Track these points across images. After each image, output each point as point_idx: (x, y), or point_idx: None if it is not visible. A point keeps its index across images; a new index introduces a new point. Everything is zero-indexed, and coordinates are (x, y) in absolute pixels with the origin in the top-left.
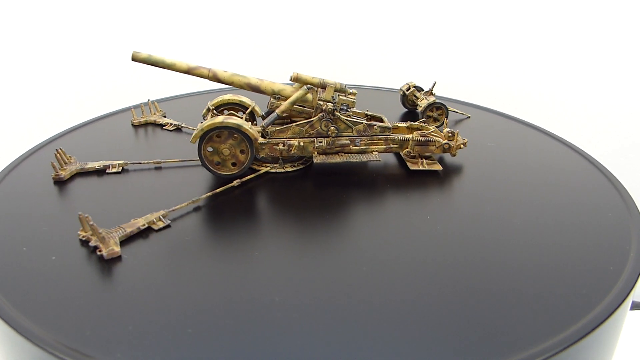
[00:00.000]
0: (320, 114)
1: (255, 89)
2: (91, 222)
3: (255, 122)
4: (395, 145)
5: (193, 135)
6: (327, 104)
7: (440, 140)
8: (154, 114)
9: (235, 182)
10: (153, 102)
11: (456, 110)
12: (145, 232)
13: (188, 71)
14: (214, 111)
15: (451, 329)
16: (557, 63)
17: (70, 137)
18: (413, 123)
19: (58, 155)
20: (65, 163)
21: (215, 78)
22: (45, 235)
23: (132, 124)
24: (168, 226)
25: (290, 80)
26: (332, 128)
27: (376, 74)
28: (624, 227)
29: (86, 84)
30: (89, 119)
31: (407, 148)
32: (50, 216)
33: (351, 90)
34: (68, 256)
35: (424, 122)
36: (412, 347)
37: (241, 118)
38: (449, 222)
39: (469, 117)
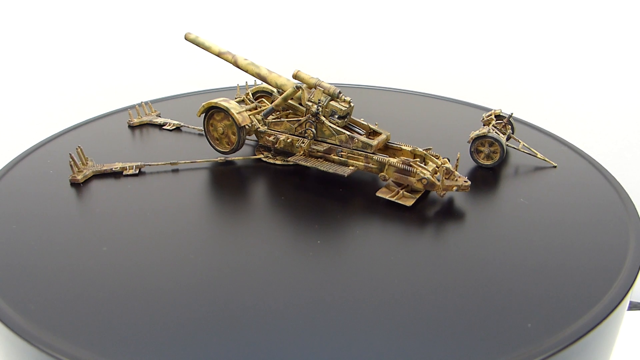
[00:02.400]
0: (307, 115)
1: (263, 79)
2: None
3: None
4: (375, 166)
5: (198, 110)
6: (314, 105)
7: (423, 173)
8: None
9: (219, 159)
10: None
11: (533, 152)
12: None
13: (219, 54)
14: (250, 97)
15: (449, 329)
16: (556, 63)
17: (68, 137)
18: (419, 149)
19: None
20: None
21: (236, 64)
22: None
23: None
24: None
25: (292, 76)
26: (309, 131)
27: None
28: (622, 226)
29: (81, 84)
30: (85, 120)
31: (383, 172)
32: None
33: (345, 98)
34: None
35: (474, 151)
36: (412, 347)
37: (253, 103)
38: (445, 221)
39: (554, 166)
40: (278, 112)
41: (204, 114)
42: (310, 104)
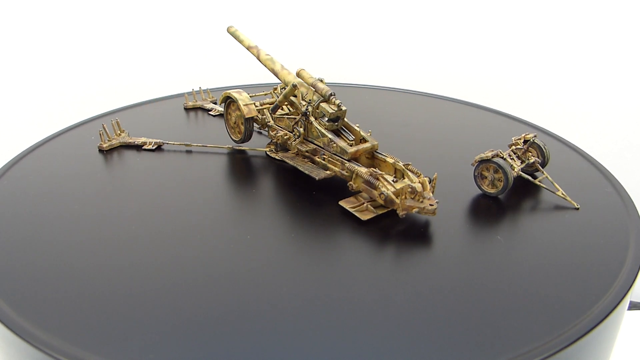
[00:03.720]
0: (300, 114)
1: (276, 74)
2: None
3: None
4: (347, 174)
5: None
6: (305, 105)
7: (386, 188)
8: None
9: (226, 147)
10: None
11: (556, 187)
12: None
13: (248, 48)
14: (278, 92)
15: (449, 329)
16: (557, 62)
17: (130, 112)
18: (399, 163)
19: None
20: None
21: (258, 57)
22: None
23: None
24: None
25: (295, 74)
26: (296, 130)
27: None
28: (622, 226)
29: (81, 85)
30: (148, 99)
31: (351, 181)
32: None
33: (335, 101)
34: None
35: (478, 176)
36: (411, 347)
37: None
38: (446, 221)
39: (577, 208)
40: (289, 110)
41: (224, 103)
42: (303, 103)
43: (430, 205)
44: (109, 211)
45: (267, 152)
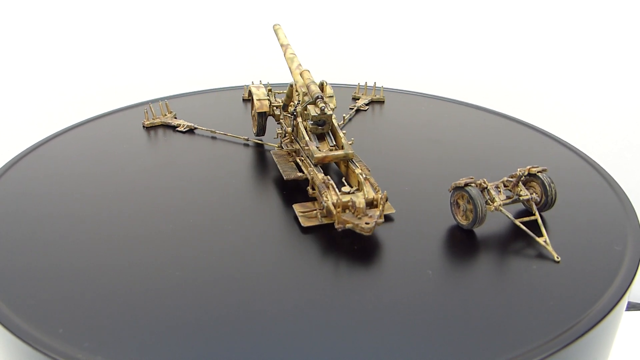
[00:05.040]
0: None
1: (291, 73)
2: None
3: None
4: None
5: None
6: (294, 105)
7: (326, 199)
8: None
9: (244, 138)
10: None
11: (542, 233)
12: None
13: (280, 45)
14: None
15: (449, 329)
16: (556, 63)
17: (188, 100)
18: (361, 176)
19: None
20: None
21: (284, 55)
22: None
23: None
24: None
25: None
26: (282, 129)
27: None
28: (620, 227)
29: (81, 84)
30: (206, 89)
31: (309, 186)
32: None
33: (320, 105)
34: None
35: (454, 203)
36: (411, 347)
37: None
38: (443, 223)
39: (557, 261)
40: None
41: (250, 96)
42: (295, 102)
43: (366, 223)
44: (108, 211)
45: (276, 148)
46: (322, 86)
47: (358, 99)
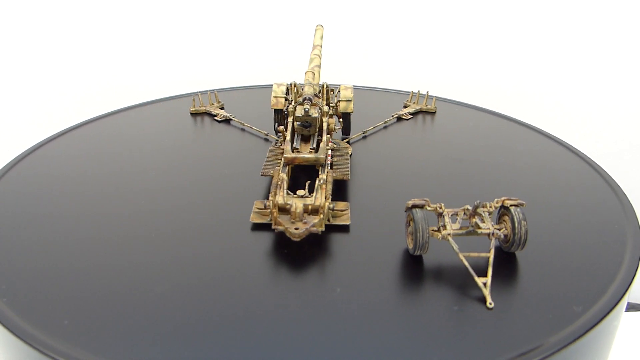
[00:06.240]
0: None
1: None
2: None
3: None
4: None
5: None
6: (286, 104)
7: (272, 199)
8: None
9: (264, 133)
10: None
11: (472, 272)
12: None
13: (313, 45)
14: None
15: (449, 328)
16: (555, 63)
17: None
18: (318, 182)
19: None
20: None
21: (310, 54)
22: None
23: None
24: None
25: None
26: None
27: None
28: (620, 227)
29: (81, 84)
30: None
31: None
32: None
33: (304, 107)
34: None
35: (407, 223)
36: (410, 347)
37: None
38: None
39: (490, 308)
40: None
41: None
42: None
43: (295, 229)
44: (109, 211)
45: (274, 144)
46: (325, 89)
47: (407, 107)
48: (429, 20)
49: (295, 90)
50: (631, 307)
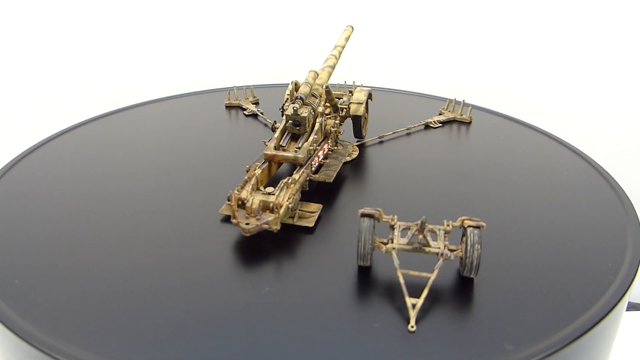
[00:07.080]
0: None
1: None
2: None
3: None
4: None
5: None
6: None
7: (236, 192)
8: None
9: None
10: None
11: (405, 292)
12: None
13: (336, 44)
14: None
15: (448, 328)
16: (556, 63)
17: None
18: (284, 181)
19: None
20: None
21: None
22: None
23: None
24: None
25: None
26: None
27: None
28: (621, 227)
29: (81, 84)
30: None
31: None
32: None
33: (293, 106)
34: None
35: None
36: (410, 346)
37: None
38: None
39: (411, 331)
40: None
41: None
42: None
43: (246, 224)
44: (109, 211)
45: None
46: (326, 89)
47: (441, 114)
48: (455, 24)
49: (294, 89)
50: (631, 307)
